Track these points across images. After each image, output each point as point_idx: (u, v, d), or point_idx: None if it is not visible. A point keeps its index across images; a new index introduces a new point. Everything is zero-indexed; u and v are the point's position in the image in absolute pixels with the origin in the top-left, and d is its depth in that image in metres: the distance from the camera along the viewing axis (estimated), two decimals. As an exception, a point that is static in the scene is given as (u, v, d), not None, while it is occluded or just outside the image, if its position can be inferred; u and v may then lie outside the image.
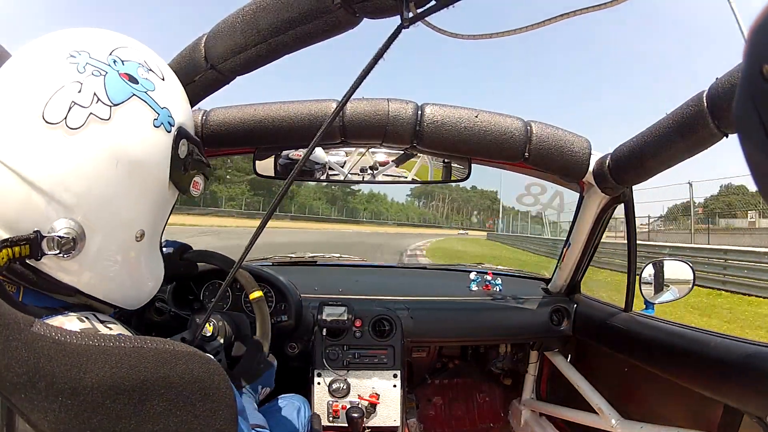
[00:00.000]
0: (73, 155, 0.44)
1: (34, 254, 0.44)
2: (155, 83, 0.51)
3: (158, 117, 0.50)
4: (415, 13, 0.49)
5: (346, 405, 1.32)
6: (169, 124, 0.51)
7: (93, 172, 0.45)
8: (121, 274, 0.52)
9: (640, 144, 0.97)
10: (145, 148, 0.49)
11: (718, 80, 0.77)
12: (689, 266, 1.27)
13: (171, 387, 0.41)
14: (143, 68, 0.50)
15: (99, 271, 0.49)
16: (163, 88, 0.52)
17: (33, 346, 0.36)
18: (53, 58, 0.46)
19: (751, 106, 0.22)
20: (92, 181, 0.45)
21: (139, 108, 0.48)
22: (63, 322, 0.45)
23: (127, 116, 0.47)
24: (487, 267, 1.85)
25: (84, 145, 0.44)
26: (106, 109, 0.45)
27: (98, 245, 0.48)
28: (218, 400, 0.45)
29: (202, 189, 0.60)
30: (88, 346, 0.38)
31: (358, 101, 1.05)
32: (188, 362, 0.43)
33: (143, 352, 0.41)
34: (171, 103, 0.52)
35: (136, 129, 0.48)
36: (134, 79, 0.49)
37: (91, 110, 0.45)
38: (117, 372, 0.38)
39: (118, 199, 0.48)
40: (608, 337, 1.30)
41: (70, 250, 0.45)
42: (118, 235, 0.49)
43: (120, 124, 0.46)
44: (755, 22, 0.22)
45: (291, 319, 1.29)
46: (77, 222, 0.45)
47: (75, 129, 0.44)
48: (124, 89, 0.47)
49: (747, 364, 0.85)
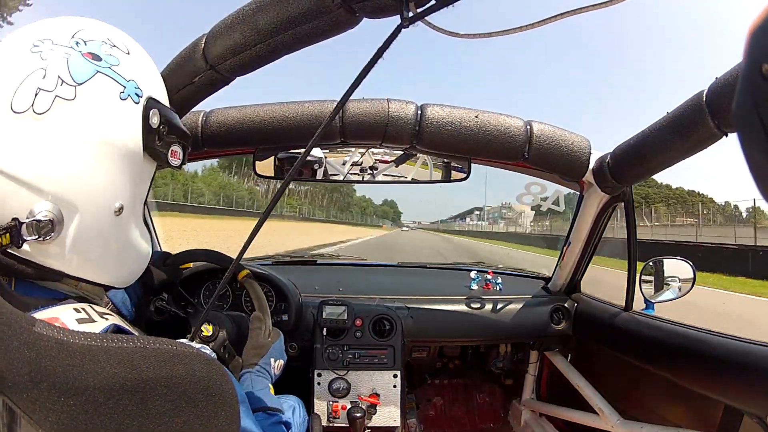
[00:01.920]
0: (42, 139, 0.45)
1: (15, 242, 0.44)
2: (119, 58, 0.51)
3: (125, 89, 0.50)
4: (414, 12, 0.49)
5: (346, 405, 1.32)
6: (137, 95, 0.52)
7: (63, 153, 0.46)
8: (105, 251, 0.52)
9: (639, 143, 0.97)
10: (113, 121, 0.49)
11: (718, 80, 0.77)
12: (689, 265, 1.27)
13: (173, 387, 0.41)
14: (107, 45, 0.51)
15: (82, 250, 0.49)
16: (128, 62, 0.52)
17: (35, 346, 0.36)
18: (17, 51, 0.47)
19: (751, 105, 0.22)
20: (64, 162, 0.46)
21: (103, 83, 0.49)
22: (58, 312, 0.46)
23: (92, 93, 0.48)
24: (487, 266, 1.85)
25: (52, 127, 0.45)
26: (71, 90, 0.46)
27: (77, 224, 0.48)
28: (220, 399, 0.45)
29: (182, 158, 0.60)
30: (91, 346, 0.38)
31: (357, 102, 1.05)
32: (190, 363, 0.43)
33: (146, 353, 0.41)
34: (137, 75, 0.53)
35: (102, 104, 0.48)
36: (97, 56, 0.49)
37: (56, 93, 0.45)
38: (119, 372, 0.38)
39: (91, 176, 0.48)
40: (608, 337, 1.30)
41: (49, 233, 0.45)
42: (96, 212, 0.49)
43: (85, 101, 0.47)
44: (755, 21, 0.22)
45: (291, 319, 1.29)
46: (53, 204, 0.46)
47: (42, 114, 0.45)
48: (88, 67, 0.48)
49: (747, 363, 0.85)
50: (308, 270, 1.82)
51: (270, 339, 0.91)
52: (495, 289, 1.59)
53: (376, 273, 1.92)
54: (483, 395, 1.89)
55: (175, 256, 0.98)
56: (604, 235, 1.37)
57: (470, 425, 1.85)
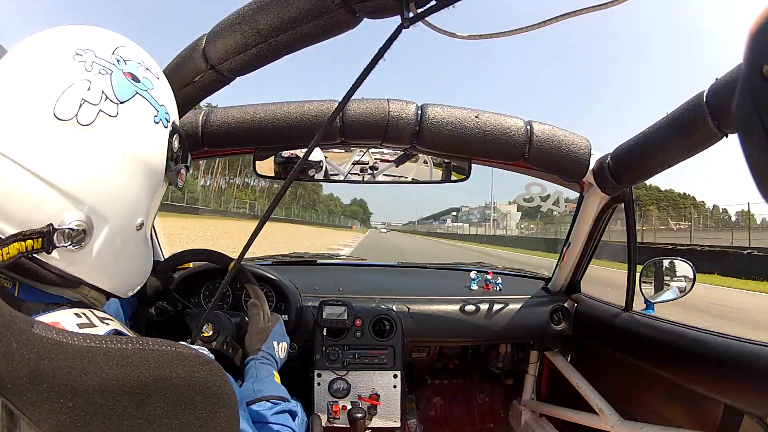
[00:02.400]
0: (84, 150, 0.46)
1: (46, 248, 0.44)
2: (153, 82, 0.54)
3: (158, 114, 0.53)
4: (415, 13, 0.49)
5: (347, 405, 1.32)
6: (166, 120, 0.55)
7: (102, 166, 0.47)
8: (121, 263, 0.54)
9: (640, 144, 0.97)
10: (147, 142, 0.52)
11: (718, 80, 0.77)
12: (689, 265, 1.27)
13: (172, 389, 0.41)
14: (142, 67, 0.54)
15: (102, 261, 0.50)
16: (159, 87, 0.55)
17: (34, 347, 0.36)
18: (59, 55, 0.47)
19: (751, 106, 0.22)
20: (101, 174, 0.48)
21: (142, 105, 0.51)
22: (59, 317, 0.46)
23: (132, 113, 0.50)
24: (487, 266, 1.85)
25: (94, 140, 0.47)
26: (113, 107, 0.48)
27: (104, 236, 0.49)
28: (219, 401, 0.45)
29: (185, 180, 0.63)
30: (90, 348, 0.38)
31: (357, 102, 1.05)
32: (190, 364, 0.43)
33: (145, 354, 0.40)
34: (166, 101, 0.56)
35: (140, 125, 0.51)
36: (136, 78, 0.52)
37: (101, 107, 0.47)
38: (118, 374, 0.38)
39: (123, 191, 0.50)
40: (608, 337, 1.30)
41: (80, 242, 0.47)
42: (122, 226, 0.52)
43: (126, 120, 0.49)
44: (756, 22, 0.22)
45: (291, 319, 1.29)
46: (86, 214, 0.47)
47: (86, 125, 0.46)
48: (129, 88, 0.50)
49: (747, 363, 0.85)
50: (308, 270, 1.82)
51: (270, 323, 0.92)
52: (495, 289, 1.59)
53: (375, 273, 1.92)
54: (483, 395, 1.89)
55: (165, 263, 0.98)
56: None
57: (470, 425, 1.85)
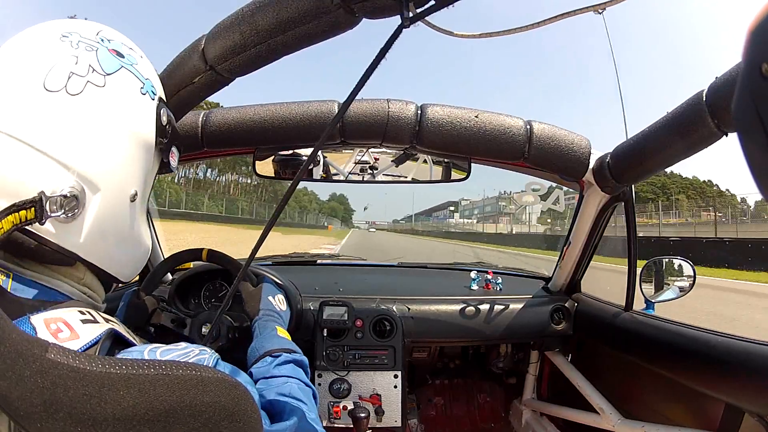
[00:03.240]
0: (73, 117, 0.48)
1: (39, 217, 0.44)
2: (137, 59, 0.57)
3: (144, 86, 0.55)
4: (414, 12, 0.49)
5: (347, 405, 1.32)
6: (153, 92, 0.57)
7: (91, 132, 0.49)
8: (117, 238, 0.54)
9: (639, 143, 0.97)
10: (135, 111, 0.54)
11: (718, 79, 0.77)
12: (689, 264, 1.27)
13: (197, 416, 0.40)
14: (125, 46, 0.56)
15: (96, 232, 0.50)
16: (143, 64, 0.57)
17: (49, 375, 0.34)
18: (47, 38, 0.50)
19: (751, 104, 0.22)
20: (91, 141, 0.49)
21: (128, 77, 0.53)
22: (63, 313, 0.45)
23: (119, 84, 0.52)
24: (487, 266, 1.85)
25: (83, 107, 0.48)
26: (101, 78, 0.50)
27: (97, 204, 0.50)
28: (245, 426, 0.44)
29: (176, 162, 0.64)
30: (109, 374, 0.36)
31: (357, 102, 1.05)
32: (216, 389, 0.42)
33: (167, 380, 0.39)
34: (151, 76, 0.58)
35: (127, 95, 0.53)
36: (120, 54, 0.54)
37: (88, 78, 0.49)
38: (140, 401, 0.36)
39: (114, 159, 0.51)
40: (609, 336, 1.30)
41: (73, 209, 0.47)
42: (115, 195, 0.52)
43: (113, 90, 0.51)
44: (754, 20, 0.22)
45: (291, 320, 1.29)
46: (77, 180, 0.47)
47: (75, 95, 0.48)
48: (114, 61, 0.53)
49: (748, 362, 0.85)
50: (308, 270, 1.82)
51: (258, 285, 0.95)
52: (495, 289, 1.59)
53: (376, 273, 1.92)
54: (484, 395, 1.89)
55: (145, 286, 0.96)
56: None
57: (471, 425, 1.85)
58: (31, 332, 0.41)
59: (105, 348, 0.46)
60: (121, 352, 0.46)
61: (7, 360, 0.32)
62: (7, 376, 0.32)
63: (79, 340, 0.44)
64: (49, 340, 0.41)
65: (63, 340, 0.43)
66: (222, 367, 0.53)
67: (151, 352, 0.47)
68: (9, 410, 0.33)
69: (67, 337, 0.43)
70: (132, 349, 0.47)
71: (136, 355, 0.46)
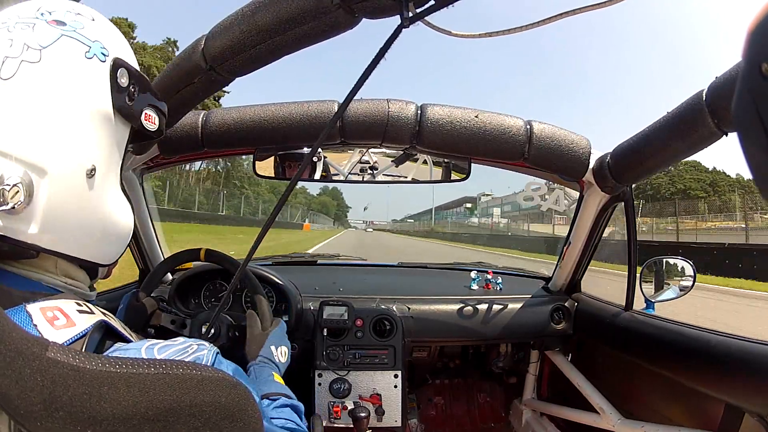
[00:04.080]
0: (7, 102, 0.44)
1: None
2: (84, 23, 0.52)
3: (90, 49, 0.50)
4: (414, 12, 0.49)
5: (347, 405, 1.32)
6: (103, 54, 0.51)
7: (29, 114, 0.45)
8: (80, 220, 0.50)
9: (639, 143, 0.97)
10: (80, 80, 0.49)
11: (718, 79, 0.77)
12: (689, 264, 1.27)
13: (197, 416, 0.40)
14: (71, 13, 0.51)
15: (56, 219, 0.47)
16: (93, 26, 0.52)
17: (48, 373, 0.34)
18: None
19: (751, 104, 0.22)
20: (30, 124, 0.45)
21: (68, 44, 0.49)
22: (61, 303, 0.44)
23: (57, 54, 0.48)
24: (487, 266, 1.85)
25: (16, 89, 0.45)
26: (35, 53, 0.46)
27: (48, 189, 0.46)
28: (245, 425, 0.44)
29: (158, 124, 0.59)
30: (109, 373, 0.36)
31: (357, 102, 1.05)
32: (216, 389, 0.42)
33: (168, 379, 0.38)
34: (103, 37, 0.52)
35: (67, 64, 0.48)
36: (62, 22, 0.50)
37: (22, 58, 0.45)
38: (140, 400, 0.36)
39: (59, 137, 0.47)
40: (609, 336, 1.30)
41: (19, 198, 0.43)
42: (67, 173, 0.47)
43: (50, 62, 0.47)
44: (754, 20, 0.22)
45: (291, 320, 1.30)
46: (22, 168, 0.44)
47: (8, 78, 0.44)
48: (53, 32, 0.48)
49: (748, 362, 0.85)
50: (308, 270, 1.82)
51: (267, 329, 0.92)
52: (495, 288, 1.59)
53: (376, 273, 1.92)
54: (484, 395, 1.89)
55: (144, 287, 0.96)
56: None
57: (471, 425, 1.85)
58: (26, 320, 0.41)
59: (94, 340, 0.45)
60: (118, 350, 0.46)
61: (7, 358, 0.32)
62: (6, 374, 0.32)
63: (76, 328, 0.43)
64: (45, 327, 0.41)
65: (59, 327, 0.42)
66: (225, 365, 0.53)
67: (149, 349, 0.46)
68: (9, 409, 0.33)
69: (63, 324, 0.43)
70: (129, 346, 0.47)
71: (133, 352, 0.46)
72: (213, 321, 0.89)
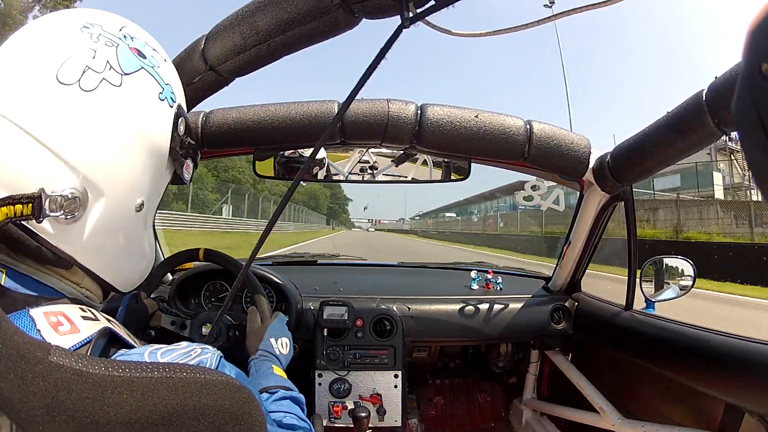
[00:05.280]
0: (84, 114, 0.45)
1: (36, 214, 0.42)
2: (159, 62, 0.54)
3: (163, 91, 0.52)
4: (414, 12, 0.49)
5: (348, 405, 1.32)
6: (172, 99, 0.54)
7: (101, 133, 0.46)
8: (118, 247, 0.52)
9: (639, 142, 0.98)
10: (151, 116, 0.51)
11: (717, 79, 0.77)
12: (689, 263, 1.27)
13: (201, 419, 0.39)
14: (149, 47, 0.54)
15: (96, 239, 0.48)
16: (165, 68, 0.55)
17: (51, 377, 0.33)
18: (66, 26, 0.47)
19: (751, 104, 0.22)
20: (99, 142, 0.46)
21: (147, 79, 0.51)
22: (65, 308, 0.44)
23: (137, 85, 0.49)
24: (487, 265, 1.85)
25: (95, 105, 0.46)
26: (117, 77, 0.47)
27: (100, 211, 0.47)
28: (248, 428, 0.44)
29: (191, 174, 0.62)
30: (112, 377, 0.36)
31: (357, 102, 1.05)
32: (220, 393, 0.41)
33: (171, 383, 0.38)
34: (173, 82, 0.55)
35: (144, 98, 0.50)
36: (143, 54, 0.51)
37: (104, 75, 0.46)
38: (143, 405, 0.36)
39: (123, 164, 0.48)
40: (609, 336, 1.30)
41: (74, 212, 0.45)
42: (120, 203, 0.49)
43: (130, 91, 0.48)
44: (754, 20, 0.22)
45: (291, 320, 1.29)
46: (81, 183, 0.45)
47: (88, 91, 0.45)
48: (134, 61, 0.50)
49: (748, 362, 0.85)
50: (308, 270, 1.82)
51: (266, 322, 0.92)
52: (495, 288, 1.59)
53: (376, 273, 1.92)
54: (484, 395, 1.89)
55: (144, 288, 0.96)
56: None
57: (471, 425, 1.85)
58: (29, 324, 0.41)
59: (99, 346, 0.45)
60: (121, 355, 0.46)
61: (9, 362, 0.32)
62: (8, 378, 0.32)
63: (80, 335, 0.43)
64: (48, 332, 0.41)
65: (63, 333, 0.42)
66: (228, 369, 0.53)
67: (152, 353, 0.46)
68: (11, 413, 0.33)
69: (68, 330, 0.43)
70: (132, 351, 0.47)
71: (136, 357, 0.45)
72: (216, 322, 0.89)
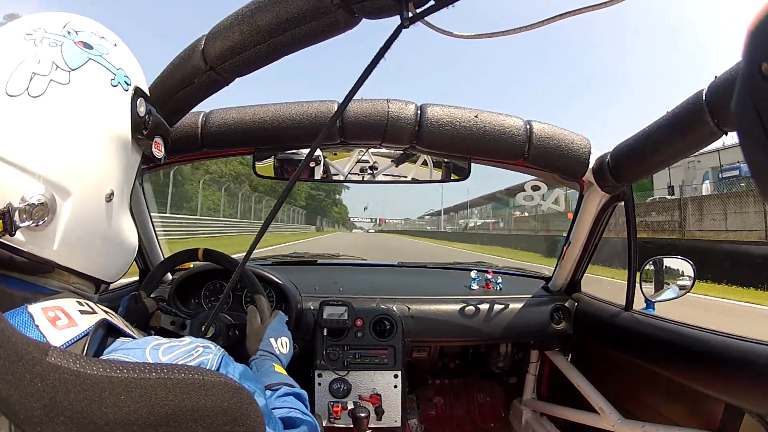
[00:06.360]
0: (36, 120, 0.45)
1: (8, 229, 0.43)
2: (108, 48, 0.53)
3: (115, 77, 0.52)
4: (414, 13, 0.49)
5: (347, 405, 1.32)
6: (126, 83, 0.53)
7: (56, 135, 0.46)
8: (95, 240, 0.52)
9: (639, 142, 0.98)
10: (105, 105, 0.51)
11: (717, 78, 0.77)
12: (689, 263, 1.27)
13: (199, 420, 0.39)
14: (96, 36, 0.53)
15: (74, 238, 0.49)
16: (116, 52, 0.54)
17: (49, 378, 0.33)
18: (10, 39, 0.47)
19: (750, 104, 0.22)
20: (57, 144, 0.46)
21: (96, 69, 0.50)
22: (63, 303, 0.45)
23: (86, 78, 0.49)
24: (487, 265, 1.85)
25: (46, 109, 0.46)
26: (65, 75, 0.47)
27: (70, 209, 0.47)
28: (247, 429, 0.44)
29: (163, 151, 0.61)
30: (110, 378, 0.36)
31: (357, 102, 1.05)
32: (218, 393, 0.41)
33: (170, 384, 0.38)
34: (125, 65, 0.54)
35: (95, 89, 0.50)
36: (89, 45, 0.51)
37: (51, 77, 0.46)
38: (141, 405, 0.36)
39: (84, 160, 0.48)
40: (609, 336, 1.30)
41: (43, 217, 0.45)
42: (88, 197, 0.49)
43: (79, 85, 0.48)
44: (754, 20, 0.22)
45: (291, 320, 1.29)
46: (46, 187, 0.45)
47: (37, 96, 0.45)
48: (80, 54, 0.49)
49: (747, 362, 0.85)
50: (308, 270, 1.82)
51: (265, 322, 0.92)
52: (495, 288, 1.59)
53: (376, 273, 1.92)
54: (484, 395, 1.89)
55: (144, 288, 0.97)
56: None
57: (471, 425, 1.85)
58: (28, 321, 0.41)
59: (97, 338, 0.45)
60: (121, 348, 0.46)
61: (7, 363, 0.32)
62: (6, 379, 0.32)
63: (77, 328, 0.43)
64: (47, 327, 0.41)
65: (61, 327, 0.42)
66: (232, 368, 0.53)
67: (153, 350, 0.46)
68: (9, 413, 0.33)
69: (65, 324, 0.43)
70: (132, 344, 0.47)
71: (136, 351, 0.45)
72: (211, 320, 0.88)
